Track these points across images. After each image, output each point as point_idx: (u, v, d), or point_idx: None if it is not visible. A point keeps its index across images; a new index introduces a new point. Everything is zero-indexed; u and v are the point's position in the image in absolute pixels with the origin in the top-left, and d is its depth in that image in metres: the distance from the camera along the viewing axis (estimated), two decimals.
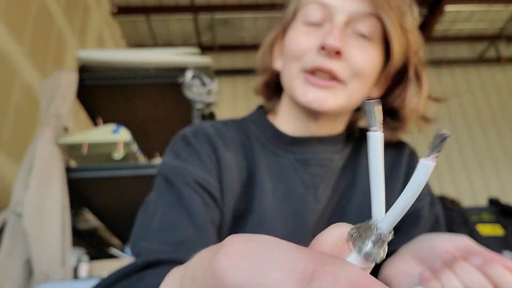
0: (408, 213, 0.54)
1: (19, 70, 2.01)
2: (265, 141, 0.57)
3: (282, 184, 0.54)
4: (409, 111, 0.56)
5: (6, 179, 1.81)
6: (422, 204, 0.54)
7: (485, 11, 3.91)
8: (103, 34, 3.37)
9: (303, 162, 0.55)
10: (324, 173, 0.55)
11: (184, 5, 3.76)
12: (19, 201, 1.34)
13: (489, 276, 0.31)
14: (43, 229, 1.30)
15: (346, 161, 0.58)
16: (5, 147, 1.83)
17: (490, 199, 1.25)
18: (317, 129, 0.57)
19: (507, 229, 1.16)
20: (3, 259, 1.26)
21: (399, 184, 0.55)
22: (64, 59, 2.55)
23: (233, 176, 0.52)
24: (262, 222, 0.51)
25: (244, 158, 0.55)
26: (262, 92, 0.65)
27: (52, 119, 1.45)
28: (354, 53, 0.52)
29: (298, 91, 0.53)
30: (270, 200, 0.52)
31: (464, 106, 4.10)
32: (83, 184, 1.49)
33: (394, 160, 0.57)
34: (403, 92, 0.55)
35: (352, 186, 0.55)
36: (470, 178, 3.80)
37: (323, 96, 0.52)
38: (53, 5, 2.44)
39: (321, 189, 0.54)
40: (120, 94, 1.65)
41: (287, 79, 0.56)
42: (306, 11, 0.54)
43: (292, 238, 0.49)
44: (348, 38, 0.52)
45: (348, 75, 0.52)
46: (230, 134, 0.58)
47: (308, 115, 0.56)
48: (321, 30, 0.53)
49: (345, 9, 0.52)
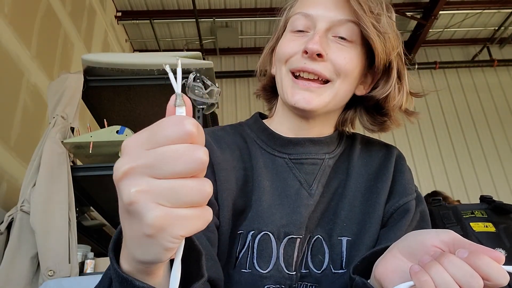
0: (396, 208, 0.56)
1: (26, 72, 2.06)
2: (261, 143, 0.62)
3: (278, 181, 0.58)
4: (393, 106, 0.60)
5: (14, 178, 1.85)
6: (408, 199, 0.57)
7: (478, 15, 3.95)
8: (108, 37, 3.42)
9: (297, 161, 0.59)
10: (317, 171, 0.59)
11: (186, 9, 3.81)
12: (26, 199, 1.37)
13: (476, 267, 0.33)
14: (49, 226, 1.32)
15: (338, 162, 0.62)
16: (13, 147, 1.88)
17: (482, 197, 1.28)
18: (309, 130, 0.62)
19: (498, 227, 1.19)
20: (10, 255, 1.28)
21: (388, 182, 0.59)
22: (70, 62, 2.60)
23: (228, 176, 0.56)
24: (260, 215, 0.54)
25: (241, 160, 0.60)
26: (262, 96, 0.71)
27: (59, 119, 1.48)
28: (335, 54, 0.57)
29: (288, 92, 0.58)
30: (268, 195, 0.56)
31: (458, 107, 4.14)
32: (89, 183, 1.52)
33: (384, 161, 0.62)
34: (386, 89, 0.59)
35: (345, 185, 0.59)
36: (463, 176, 3.83)
37: (309, 96, 0.57)
38: (59, 9, 2.49)
39: (314, 185, 0.58)
40: (124, 95, 1.68)
41: (279, 82, 0.61)
42: (292, 21, 0.61)
43: (287, 228, 0.54)
44: (329, 41, 0.58)
45: (331, 74, 0.57)
46: (227, 138, 0.62)
47: (298, 116, 0.61)
48: (306, 37, 0.59)
49: (326, 17, 0.58)
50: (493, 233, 1.18)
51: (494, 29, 4.18)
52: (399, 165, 0.61)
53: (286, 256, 0.53)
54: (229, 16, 3.84)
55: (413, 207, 0.57)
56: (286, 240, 0.53)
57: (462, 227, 1.18)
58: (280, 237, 0.53)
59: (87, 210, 1.79)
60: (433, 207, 1.29)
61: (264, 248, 0.52)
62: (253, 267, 0.52)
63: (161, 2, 3.77)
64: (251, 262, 0.52)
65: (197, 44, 4.12)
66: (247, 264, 0.52)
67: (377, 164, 0.61)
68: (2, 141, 1.81)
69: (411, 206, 0.57)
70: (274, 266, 0.52)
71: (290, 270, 0.52)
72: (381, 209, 0.56)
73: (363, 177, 0.60)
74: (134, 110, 1.77)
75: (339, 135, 0.65)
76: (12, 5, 1.96)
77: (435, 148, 3.98)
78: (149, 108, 1.76)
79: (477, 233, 1.18)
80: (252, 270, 0.52)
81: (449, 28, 4.12)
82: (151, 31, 3.96)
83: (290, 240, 0.53)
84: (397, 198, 0.57)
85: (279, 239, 0.53)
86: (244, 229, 0.54)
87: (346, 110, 0.65)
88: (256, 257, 0.52)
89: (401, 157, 0.63)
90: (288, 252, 0.53)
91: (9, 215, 1.37)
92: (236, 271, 0.52)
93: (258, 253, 0.52)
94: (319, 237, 0.55)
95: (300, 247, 0.54)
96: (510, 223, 1.22)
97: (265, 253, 0.52)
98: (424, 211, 0.58)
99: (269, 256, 0.52)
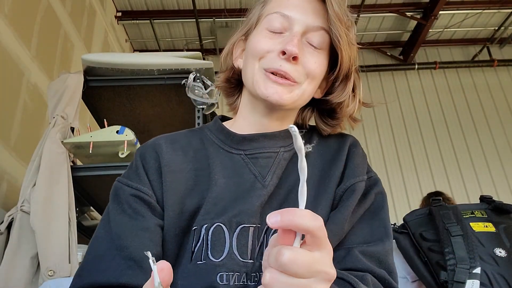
0: (344, 189, 0.60)
1: (27, 72, 2.06)
2: (219, 143, 0.65)
3: (235, 177, 0.61)
4: (345, 112, 0.65)
5: (14, 178, 1.85)
6: (356, 180, 0.60)
7: (478, 15, 3.95)
8: (108, 37, 3.42)
9: (252, 156, 0.63)
10: (271, 164, 0.62)
11: (186, 9, 3.81)
12: (26, 199, 1.37)
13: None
14: (49, 226, 1.32)
15: (295, 155, 0.64)
16: (13, 147, 1.88)
17: (482, 197, 1.28)
18: (269, 125, 0.65)
19: (498, 227, 1.19)
20: (10, 255, 1.29)
21: (340, 168, 0.62)
22: (70, 62, 2.60)
23: (175, 178, 0.60)
24: (213, 209, 0.57)
25: (194, 161, 0.63)
26: (223, 88, 0.73)
27: (59, 119, 1.48)
28: (307, 59, 0.61)
29: (261, 85, 0.61)
30: (223, 191, 0.59)
31: (458, 107, 4.14)
32: (89, 182, 1.53)
33: (338, 149, 0.65)
34: (343, 96, 0.64)
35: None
36: (463, 176, 3.83)
37: (282, 90, 0.60)
38: (59, 9, 2.50)
39: (268, 177, 0.60)
40: (125, 95, 1.68)
41: (249, 75, 0.64)
42: (269, 19, 0.64)
43: (239, 217, 0.56)
44: (303, 46, 0.62)
45: (301, 77, 0.61)
46: (182, 141, 0.66)
47: (265, 109, 0.64)
48: (282, 37, 0.62)
49: (303, 22, 0.61)
50: (493, 233, 1.18)
51: (494, 29, 4.19)
52: (351, 151, 0.64)
53: (239, 245, 0.55)
54: (229, 16, 3.85)
55: (361, 188, 0.59)
56: (239, 230, 0.55)
57: (462, 227, 1.18)
58: (232, 227, 0.55)
59: (87, 210, 1.79)
60: (433, 207, 1.29)
61: (217, 239, 0.55)
62: (207, 258, 0.54)
63: (161, 2, 3.78)
64: (205, 254, 0.54)
65: (197, 44, 4.13)
66: (202, 256, 0.54)
67: (332, 153, 0.64)
68: (2, 141, 1.81)
69: (358, 187, 0.59)
70: (227, 255, 0.54)
71: (245, 258, 0.54)
72: (331, 192, 0.59)
73: (318, 166, 0.63)
74: (134, 110, 1.78)
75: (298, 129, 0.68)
76: (12, 5, 1.96)
77: (435, 148, 3.98)
78: (149, 108, 1.77)
79: (477, 233, 1.18)
80: (206, 261, 0.54)
81: (449, 28, 4.13)
82: (151, 31, 3.96)
83: (242, 229, 0.55)
84: (346, 180, 0.60)
85: (231, 229, 0.55)
86: (198, 224, 0.56)
87: (304, 110, 0.69)
88: (210, 249, 0.54)
89: (355, 144, 0.66)
90: (241, 241, 0.55)
91: (9, 215, 1.37)
92: (192, 264, 0.55)
93: (212, 244, 0.55)
94: None
95: (257, 237, 0.56)
96: (510, 223, 1.22)
97: (218, 243, 0.54)
98: (380, 193, 0.61)
99: (222, 246, 0.54)
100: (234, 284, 0.52)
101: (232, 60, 0.70)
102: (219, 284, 0.52)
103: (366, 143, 3.92)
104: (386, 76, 4.28)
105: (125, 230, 0.56)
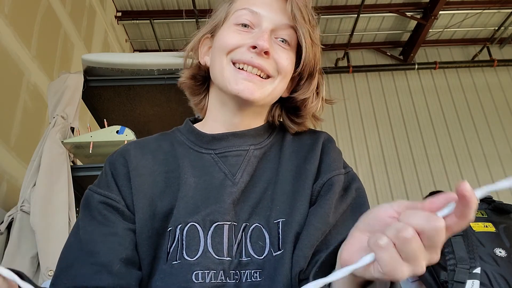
0: (322, 184, 0.60)
1: (26, 72, 2.06)
2: (190, 144, 0.66)
3: (205, 176, 0.61)
4: (309, 109, 0.67)
5: (14, 178, 1.86)
6: (332, 174, 0.60)
7: (478, 15, 3.95)
8: (108, 37, 3.42)
9: (222, 155, 0.63)
10: (241, 161, 0.62)
11: (186, 10, 3.81)
12: (26, 199, 1.37)
13: (431, 210, 0.34)
14: (49, 226, 1.32)
15: (270, 152, 0.65)
16: (13, 147, 1.88)
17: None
18: (240, 122, 0.65)
19: (498, 227, 1.19)
20: (10, 255, 1.29)
21: (315, 163, 0.62)
22: (70, 62, 2.60)
23: (144, 181, 0.60)
24: (185, 209, 0.57)
25: (164, 163, 0.63)
26: (188, 85, 0.71)
27: (59, 119, 1.49)
28: (279, 55, 0.62)
29: (231, 81, 0.61)
30: (194, 191, 0.59)
31: (458, 107, 4.14)
32: (89, 182, 1.52)
33: (312, 145, 0.65)
34: (307, 94, 0.66)
35: (277, 173, 0.62)
36: (463, 177, 3.83)
37: (253, 87, 0.61)
38: (59, 9, 2.50)
39: (239, 174, 0.61)
40: (125, 95, 1.69)
41: (218, 71, 0.64)
42: (238, 15, 0.65)
43: (212, 216, 0.56)
44: (272, 42, 0.63)
45: (274, 71, 0.62)
46: (152, 145, 0.67)
47: (235, 106, 0.64)
48: (251, 33, 0.63)
49: (271, 19, 0.63)
50: (493, 233, 1.18)
51: (494, 29, 4.19)
52: (326, 147, 0.65)
53: (214, 243, 0.55)
54: None
55: (340, 181, 0.60)
56: (213, 228, 0.56)
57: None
58: (206, 226, 0.56)
59: None
60: None
61: (192, 238, 0.55)
62: (182, 258, 0.54)
63: (161, 2, 3.78)
64: (180, 253, 0.55)
65: None
66: (177, 256, 0.55)
67: (306, 149, 0.65)
68: (2, 141, 1.81)
69: (335, 180, 0.59)
70: (202, 253, 0.54)
71: (221, 256, 0.54)
72: (309, 188, 0.59)
73: (293, 163, 0.63)
74: (134, 110, 1.78)
75: (270, 127, 0.69)
76: (12, 5, 1.96)
77: (435, 148, 3.98)
78: (149, 108, 1.77)
79: (477, 233, 1.18)
80: (181, 260, 0.54)
81: (449, 28, 4.13)
82: (151, 31, 3.96)
83: (217, 227, 0.56)
84: (322, 175, 0.60)
85: (205, 228, 0.56)
86: (172, 225, 0.57)
87: (272, 107, 0.70)
88: (185, 248, 0.55)
89: (329, 140, 0.67)
90: (216, 239, 0.55)
91: (9, 215, 1.37)
92: (168, 265, 0.55)
93: (187, 243, 0.55)
94: (257, 225, 0.57)
95: (233, 234, 0.56)
96: (510, 223, 1.22)
97: (193, 243, 0.55)
98: (359, 188, 0.61)
99: (197, 245, 0.55)
100: (211, 282, 0.52)
101: (198, 57, 0.70)
102: (194, 282, 0.52)
103: (366, 143, 3.92)
104: (386, 76, 4.28)
105: (94, 236, 0.57)
